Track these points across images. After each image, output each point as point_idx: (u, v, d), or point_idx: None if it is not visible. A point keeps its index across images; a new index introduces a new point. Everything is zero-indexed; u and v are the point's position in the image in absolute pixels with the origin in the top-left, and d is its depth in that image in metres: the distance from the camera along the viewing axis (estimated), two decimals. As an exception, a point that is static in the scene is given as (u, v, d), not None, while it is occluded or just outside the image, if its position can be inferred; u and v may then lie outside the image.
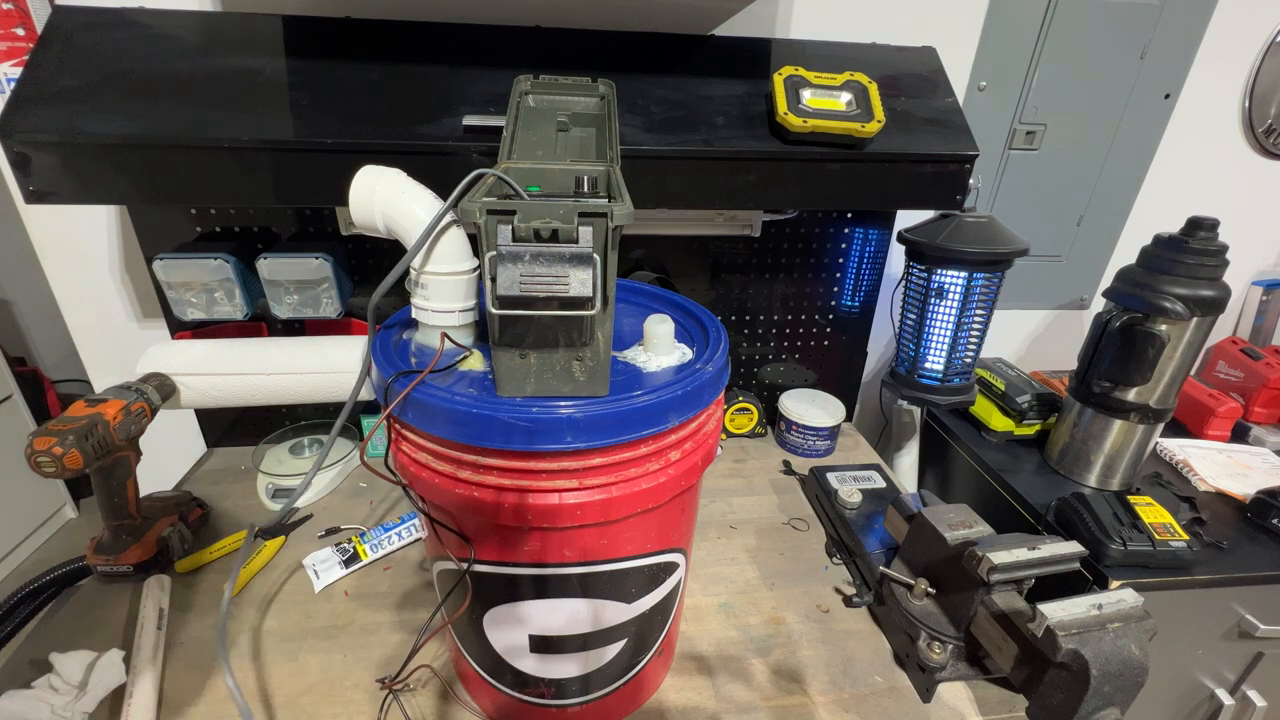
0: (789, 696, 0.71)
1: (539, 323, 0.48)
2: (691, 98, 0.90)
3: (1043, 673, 0.59)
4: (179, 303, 0.92)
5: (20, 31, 0.90)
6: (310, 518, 0.95)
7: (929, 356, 1.08)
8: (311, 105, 0.80)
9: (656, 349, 0.58)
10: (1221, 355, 1.35)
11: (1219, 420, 1.20)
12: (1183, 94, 1.23)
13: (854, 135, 0.86)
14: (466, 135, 0.80)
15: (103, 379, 1.12)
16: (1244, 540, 0.94)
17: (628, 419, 0.49)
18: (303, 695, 0.68)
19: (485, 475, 0.50)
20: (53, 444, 0.66)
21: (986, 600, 0.67)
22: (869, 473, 1.03)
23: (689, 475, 0.55)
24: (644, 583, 0.60)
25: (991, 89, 1.17)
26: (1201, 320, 0.91)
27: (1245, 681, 1.00)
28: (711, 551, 0.93)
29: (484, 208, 0.45)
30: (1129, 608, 0.58)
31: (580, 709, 0.65)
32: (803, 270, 1.17)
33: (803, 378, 1.29)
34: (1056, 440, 1.10)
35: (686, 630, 0.79)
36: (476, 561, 0.55)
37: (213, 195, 0.79)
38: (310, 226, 1.00)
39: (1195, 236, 0.90)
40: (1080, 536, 0.89)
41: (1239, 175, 1.33)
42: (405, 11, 0.91)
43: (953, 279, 1.01)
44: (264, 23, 0.85)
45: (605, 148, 0.68)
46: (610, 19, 0.97)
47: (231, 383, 0.80)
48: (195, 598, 0.80)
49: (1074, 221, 1.33)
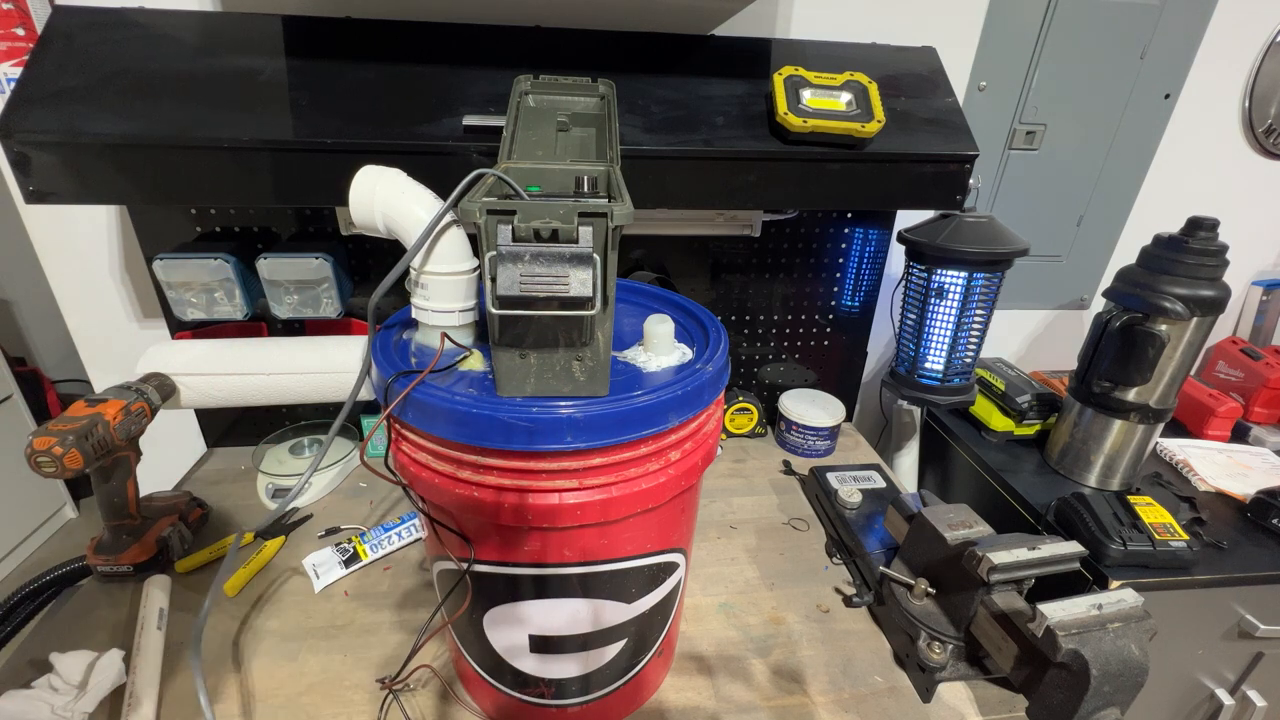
0: (789, 696, 0.71)
1: (539, 323, 0.48)
2: (691, 98, 0.90)
3: (1043, 673, 0.59)
4: (179, 303, 0.92)
5: (20, 31, 0.90)
6: (310, 518, 0.95)
7: (929, 356, 1.08)
8: (311, 105, 0.80)
9: (656, 349, 0.58)
10: (1221, 355, 1.35)
11: (1219, 420, 1.20)
12: (1183, 94, 1.23)
13: (854, 135, 0.86)
14: (466, 135, 0.80)
15: (103, 379, 1.12)
16: (1244, 540, 0.94)
17: (628, 419, 0.49)
18: (303, 695, 0.68)
19: (485, 475, 0.50)
20: (53, 444, 0.66)
21: (986, 600, 0.67)
22: (869, 473, 1.03)
23: (689, 475, 0.55)
24: (644, 583, 0.60)
25: (991, 89, 1.17)
26: (1201, 320, 0.91)
27: (1245, 681, 1.00)
28: (711, 551, 0.93)
29: (484, 208, 0.45)
30: (1129, 608, 0.58)
31: (580, 709, 0.65)
32: (803, 270, 1.17)
33: (803, 378, 1.29)
34: (1056, 440, 1.10)
35: (686, 630, 0.79)
36: (476, 561, 0.55)
37: (213, 195, 0.79)
38: (310, 226, 1.00)
39: (1195, 236, 0.90)
40: (1080, 536, 0.89)
41: (1239, 175, 1.33)
42: (405, 11, 0.91)
43: (953, 279, 1.01)
44: (264, 23, 0.85)
45: (605, 148, 0.68)
46: (610, 19, 0.97)
47: (231, 383, 0.80)
48: (195, 598, 0.80)
49: (1074, 221, 1.33)
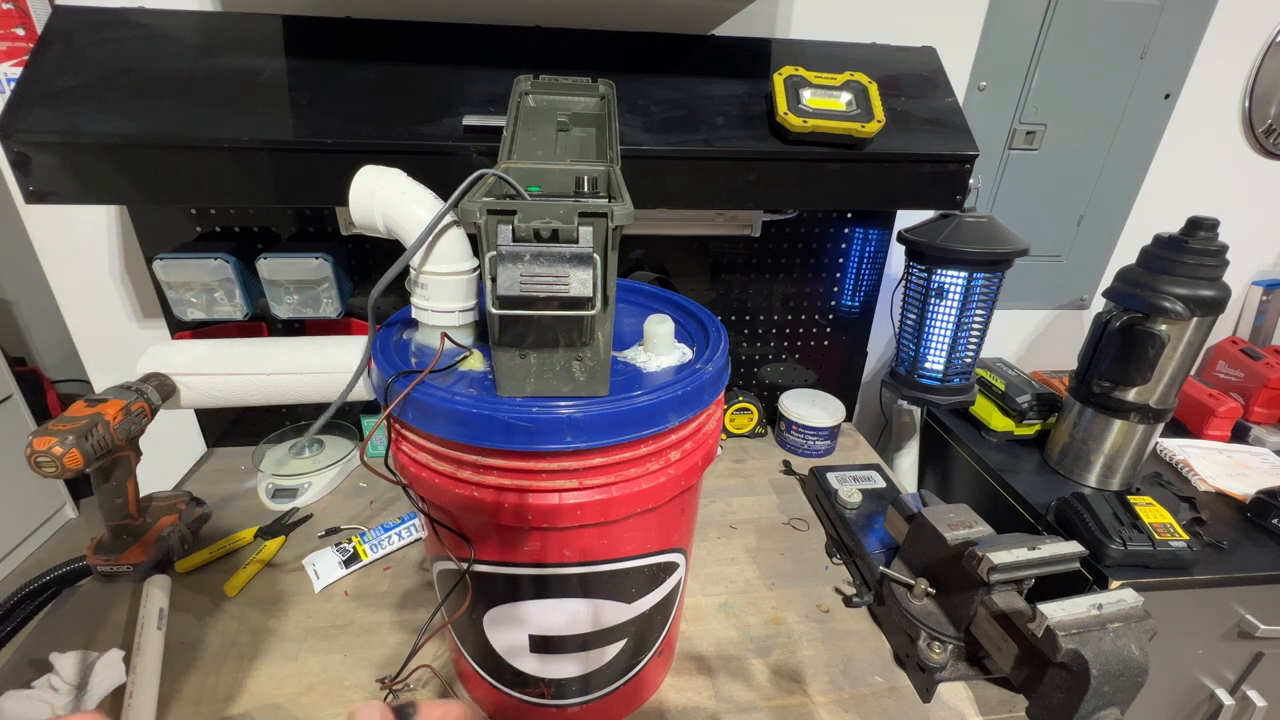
0: (789, 696, 0.71)
1: (539, 323, 0.48)
2: (691, 98, 0.90)
3: (1043, 673, 0.59)
4: (179, 303, 0.92)
5: (20, 31, 0.90)
6: (310, 518, 0.95)
7: (929, 356, 1.08)
8: (311, 105, 0.80)
9: (656, 349, 0.58)
10: (1221, 355, 1.35)
11: (1219, 420, 1.20)
12: (1183, 94, 1.23)
13: (854, 135, 0.86)
14: (466, 135, 0.80)
15: (103, 379, 1.12)
16: (1244, 540, 0.94)
17: (628, 419, 0.49)
18: (303, 695, 0.68)
19: (485, 475, 0.50)
20: (53, 444, 0.66)
21: (986, 600, 0.67)
22: (869, 473, 1.03)
23: (689, 475, 0.55)
24: (644, 583, 0.60)
25: (991, 89, 1.17)
26: (1201, 320, 0.91)
27: (1245, 681, 1.00)
28: (711, 551, 0.93)
29: (484, 208, 0.45)
30: (1129, 608, 0.58)
31: (580, 709, 0.65)
32: (803, 270, 1.17)
33: (803, 378, 1.29)
34: (1056, 440, 1.10)
35: (686, 630, 0.79)
36: (476, 561, 0.55)
37: (213, 195, 0.79)
38: (310, 226, 1.00)
39: (1195, 236, 0.90)
40: (1080, 536, 0.89)
41: (1239, 175, 1.33)
42: (405, 11, 0.91)
43: (953, 279, 1.01)
44: (264, 23, 0.85)
45: (605, 148, 0.68)
46: (610, 19, 0.97)
47: (231, 383, 0.80)
48: (195, 598, 0.80)
49: (1074, 221, 1.33)
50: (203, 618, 0.77)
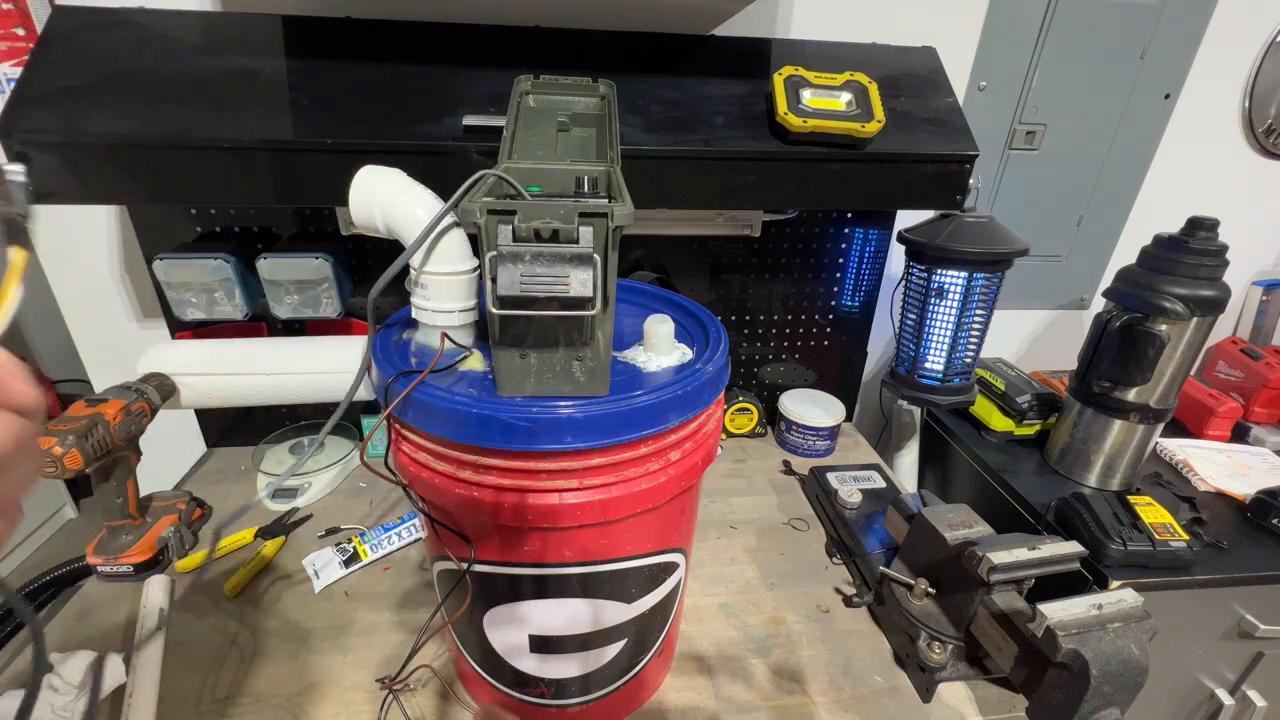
0: (789, 696, 0.71)
1: (539, 323, 0.48)
2: (691, 98, 0.90)
3: (1043, 673, 0.59)
4: (179, 303, 0.92)
5: (20, 31, 0.90)
6: (310, 518, 0.95)
7: (929, 356, 1.08)
8: (311, 105, 0.80)
9: (656, 349, 0.57)
10: (1221, 355, 1.35)
11: (1219, 420, 1.20)
12: (1183, 94, 1.23)
13: (854, 135, 0.86)
14: (466, 135, 0.80)
15: (103, 379, 1.12)
16: (1244, 540, 0.94)
17: (628, 419, 0.49)
18: (303, 695, 0.68)
19: (485, 475, 0.50)
20: (52, 444, 0.65)
21: (986, 600, 0.67)
22: (869, 473, 1.03)
23: (689, 475, 0.55)
24: (644, 583, 0.60)
25: (991, 89, 1.17)
26: (1201, 320, 0.91)
27: (1245, 681, 1.00)
28: (711, 551, 0.93)
29: (484, 208, 0.45)
30: (1129, 608, 0.58)
31: (580, 709, 0.65)
32: (803, 270, 1.17)
33: (803, 378, 1.28)
34: (1056, 440, 1.10)
35: (686, 630, 0.79)
36: (476, 561, 0.55)
37: (213, 195, 0.79)
38: (310, 226, 1.00)
39: (1195, 236, 0.90)
40: (1080, 536, 0.89)
41: (1239, 175, 1.33)
42: (405, 11, 0.91)
43: (953, 279, 1.01)
44: (264, 23, 0.85)
45: (605, 148, 0.68)
46: (610, 19, 0.97)
47: (231, 383, 0.79)
48: (195, 598, 0.80)
49: (1074, 221, 1.33)
50: (203, 618, 0.77)
